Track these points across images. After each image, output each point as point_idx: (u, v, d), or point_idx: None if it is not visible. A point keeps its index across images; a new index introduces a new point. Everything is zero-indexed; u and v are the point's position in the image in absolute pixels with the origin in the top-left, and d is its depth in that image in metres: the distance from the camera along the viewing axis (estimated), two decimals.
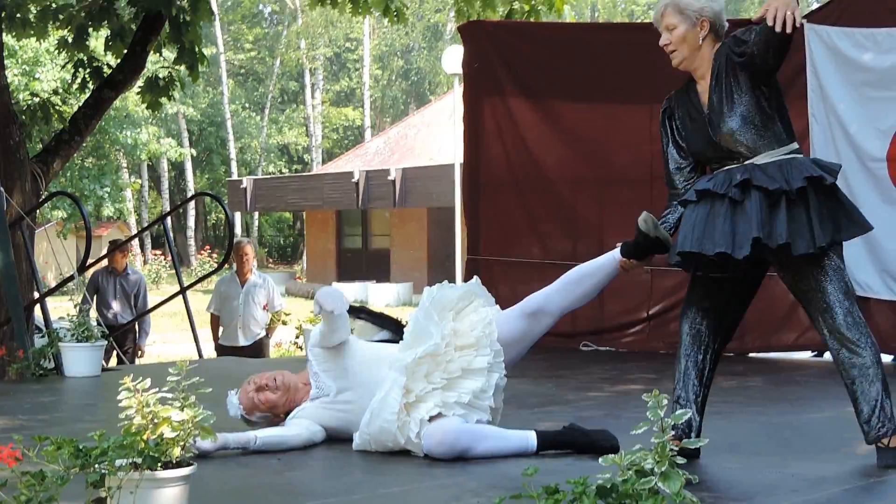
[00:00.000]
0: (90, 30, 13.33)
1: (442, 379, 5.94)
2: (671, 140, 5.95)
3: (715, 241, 5.49)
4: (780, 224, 5.45)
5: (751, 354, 11.25)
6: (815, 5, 35.50)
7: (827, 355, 11.16)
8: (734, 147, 5.62)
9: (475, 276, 6.53)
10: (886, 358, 10.92)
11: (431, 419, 5.89)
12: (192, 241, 54.51)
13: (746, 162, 5.58)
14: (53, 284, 12.95)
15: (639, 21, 50.84)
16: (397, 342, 6.29)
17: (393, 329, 6.52)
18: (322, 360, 6.32)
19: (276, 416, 6.39)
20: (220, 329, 14.04)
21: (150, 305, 14.50)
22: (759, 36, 5.46)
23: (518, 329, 6.22)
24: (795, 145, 5.70)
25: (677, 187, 5.91)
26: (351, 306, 6.60)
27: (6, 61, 13.04)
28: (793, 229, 5.45)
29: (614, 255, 6.11)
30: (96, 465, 4.04)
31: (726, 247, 5.46)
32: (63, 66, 17.74)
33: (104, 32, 13.61)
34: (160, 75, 13.98)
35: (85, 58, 13.51)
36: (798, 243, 5.46)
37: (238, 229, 47.75)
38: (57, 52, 14.17)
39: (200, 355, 12.75)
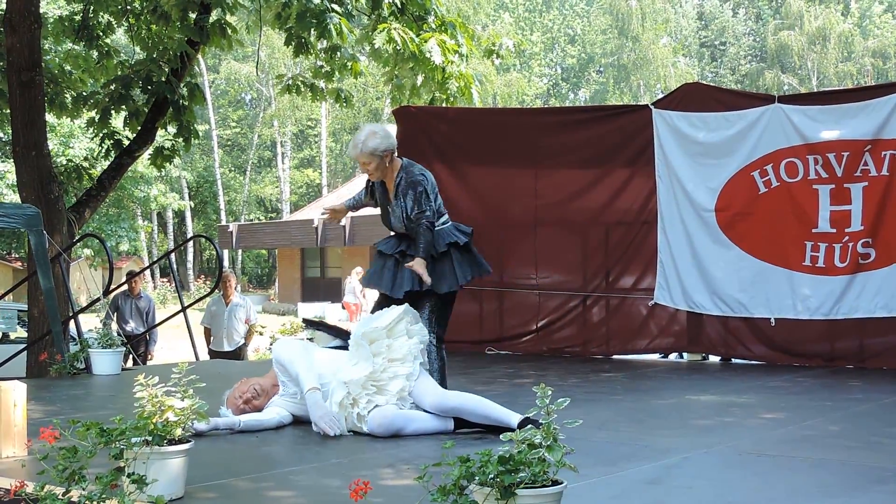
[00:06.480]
0: (112, 111, 13.30)
1: (373, 385, 6.00)
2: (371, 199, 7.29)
3: (382, 284, 6.83)
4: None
5: (614, 356, 11.28)
6: (661, 95, 35.94)
7: (672, 356, 11.28)
8: (399, 229, 6.99)
9: (405, 303, 6.47)
10: (715, 359, 11.01)
11: (371, 410, 5.93)
12: (191, 272, 53.91)
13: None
14: (84, 305, 12.79)
15: (526, 107, 51.12)
16: (347, 348, 6.30)
17: (345, 338, 6.50)
18: (284, 372, 6.30)
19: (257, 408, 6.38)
20: (211, 338, 14.00)
21: (157, 321, 14.40)
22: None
23: (425, 401, 6.00)
24: (444, 218, 7.04)
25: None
26: (312, 320, 6.62)
27: (48, 134, 12.96)
28: (434, 278, 6.74)
29: (513, 422, 5.74)
30: (117, 442, 4.01)
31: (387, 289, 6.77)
32: (92, 139, 17.61)
33: (123, 113, 13.58)
34: (165, 145, 14.03)
35: (108, 132, 13.50)
36: (441, 285, 6.79)
37: (225, 263, 47.36)
38: (87, 127, 14.12)
39: (197, 358, 12.64)
